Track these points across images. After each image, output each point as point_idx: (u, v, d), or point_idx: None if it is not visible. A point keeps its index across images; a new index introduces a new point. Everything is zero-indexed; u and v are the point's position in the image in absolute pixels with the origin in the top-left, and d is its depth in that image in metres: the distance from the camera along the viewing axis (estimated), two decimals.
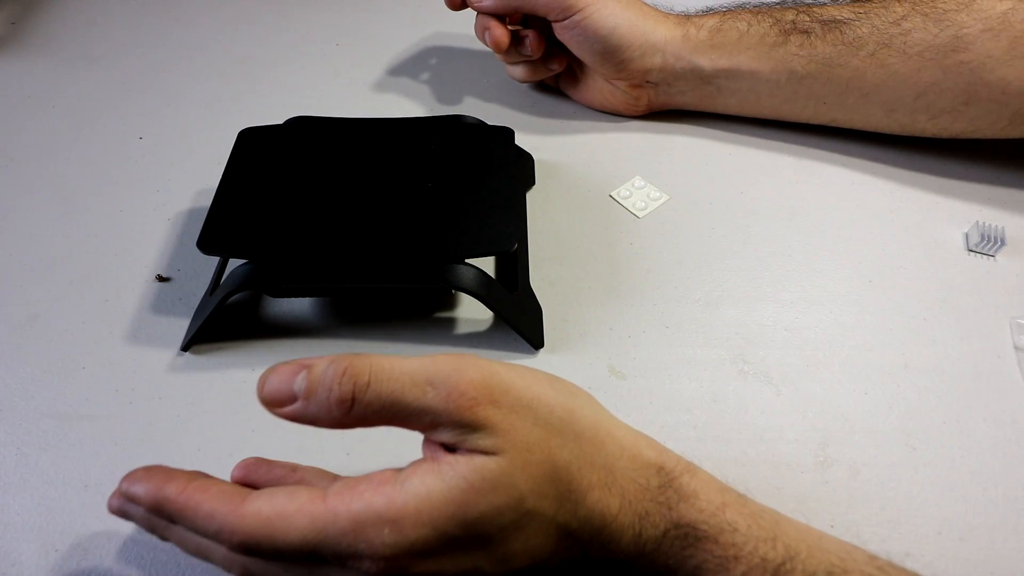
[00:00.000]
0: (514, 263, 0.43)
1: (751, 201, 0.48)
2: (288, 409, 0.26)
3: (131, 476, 0.27)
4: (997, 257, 0.44)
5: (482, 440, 0.25)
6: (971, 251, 0.45)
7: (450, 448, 0.26)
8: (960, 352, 0.40)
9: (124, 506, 0.28)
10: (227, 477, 0.35)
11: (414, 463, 0.26)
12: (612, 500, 0.26)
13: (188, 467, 0.35)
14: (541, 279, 0.43)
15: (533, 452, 0.25)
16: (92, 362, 0.40)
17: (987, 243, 0.44)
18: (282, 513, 0.25)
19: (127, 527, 0.33)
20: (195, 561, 0.32)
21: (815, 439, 0.37)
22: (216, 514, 0.25)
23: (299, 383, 0.25)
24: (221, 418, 0.37)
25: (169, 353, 0.40)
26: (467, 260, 0.38)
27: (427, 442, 0.27)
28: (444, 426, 0.25)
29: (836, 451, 0.36)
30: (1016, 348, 0.40)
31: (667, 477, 0.27)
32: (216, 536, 0.25)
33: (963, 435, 0.37)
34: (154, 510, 0.27)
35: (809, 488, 0.35)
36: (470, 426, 0.25)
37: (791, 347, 0.40)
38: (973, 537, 0.33)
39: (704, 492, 0.27)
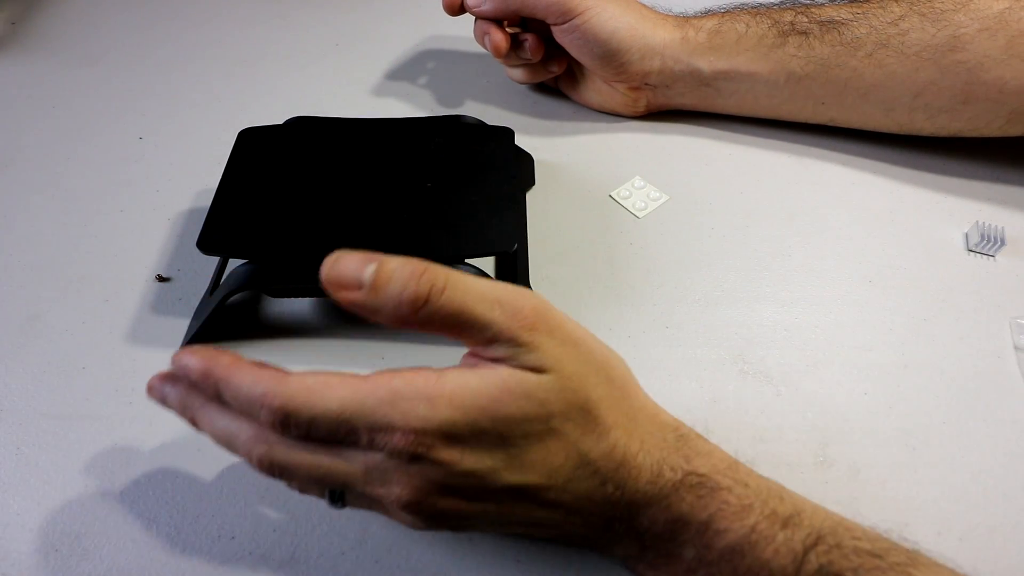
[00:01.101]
0: (514, 263, 0.43)
1: (751, 201, 0.48)
2: (352, 295, 0.27)
3: (184, 350, 0.28)
4: (997, 257, 0.44)
5: (531, 358, 0.27)
6: (971, 251, 0.45)
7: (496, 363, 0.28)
8: (960, 352, 0.40)
9: (164, 387, 0.29)
10: (227, 480, 0.35)
11: (455, 366, 0.28)
12: (632, 443, 0.28)
13: (189, 469, 0.36)
14: (541, 279, 0.43)
15: (572, 381, 0.27)
16: (92, 362, 0.40)
17: (987, 243, 0.44)
18: (325, 382, 0.26)
19: (127, 527, 0.34)
20: (196, 562, 0.33)
21: (815, 439, 0.37)
22: (261, 380, 0.26)
23: (368, 273, 0.26)
24: None
25: (169, 353, 0.40)
26: (467, 260, 0.38)
27: (468, 356, 0.29)
28: (501, 342, 0.27)
29: (836, 451, 0.36)
30: (1016, 348, 0.40)
31: (683, 437, 0.30)
32: (259, 399, 0.26)
33: (963, 435, 0.37)
34: (201, 378, 0.27)
35: (809, 488, 0.34)
36: (525, 346, 0.27)
37: (791, 347, 0.40)
38: (973, 537, 0.33)
39: (717, 452, 0.30)
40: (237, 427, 0.27)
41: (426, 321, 0.27)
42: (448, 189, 0.41)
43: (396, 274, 0.26)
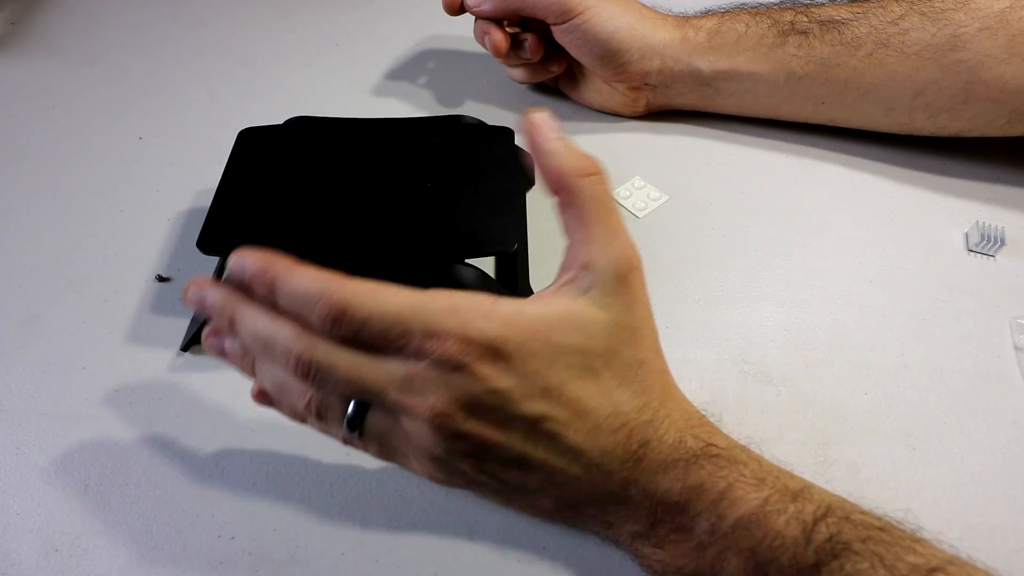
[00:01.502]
0: (514, 263, 0.43)
1: (751, 201, 0.48)
2: (546, 134, 0.30)
3: (241, 250, 0.29)
4: (997, 257, 0.44)
5: (612, 288, 0.29)
6: (971, 251, 0.45)
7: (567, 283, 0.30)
8: (960, 352, 0.40)
9: (205, 289, 0.30)
10: (227, 480, 0.35)
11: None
12: (662, 409, 0.30)
13: (189, 468, 0.36)
14: (541, 279, 0.43)
15: (626, 333, 0.29)
16: (92, 362, 0.40)
17: (987, 243, 0.44)
18: (386, 286, 0.27)
19: (127, 527, 0.34)
20: (196, 562, 0.33)
21: (815, 439, 0.37)
22: (321, 277, 0.27)
23: (556, 130, 0.30)
24: (221, 418, 0.37)
25: (169, 353, 0.40)
26: (467, 260, 0.38)
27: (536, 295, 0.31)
28: (604, 259, 0.29)
29: (836, 451, 0.36)
30: (1016, 348, 0.40)
31: (704, 418, 0.31)
32: (318, 293, 0.27)
33: (963, 435, 0.37)
34: (259, 273, 0.28)
35: None
36: (621, 278, 0.29)
37: (791, 347, 0.40)
38: (973, 537, 0.33)
39: (731, 437, 0.31)
40: (279, 326, 0.28)
41: (575, 191, 0.29)
42: (448, 189, 0.41)
43: (576, 149, 0.30)
